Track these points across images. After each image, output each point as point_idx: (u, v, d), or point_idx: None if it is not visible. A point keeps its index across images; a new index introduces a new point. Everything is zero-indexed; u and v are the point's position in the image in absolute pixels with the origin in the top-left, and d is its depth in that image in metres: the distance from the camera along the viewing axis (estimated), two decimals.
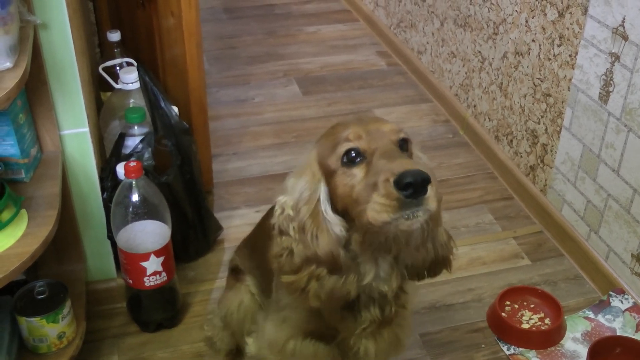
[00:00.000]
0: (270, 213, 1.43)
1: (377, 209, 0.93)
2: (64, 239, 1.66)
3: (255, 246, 1.43)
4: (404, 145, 1.04)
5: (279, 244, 1.08)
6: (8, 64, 1.25)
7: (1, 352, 1.38)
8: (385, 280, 1.10)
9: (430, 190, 0.93)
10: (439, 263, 1.13)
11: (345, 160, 1.00)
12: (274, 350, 1.25)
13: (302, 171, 1.07)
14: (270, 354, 1.27)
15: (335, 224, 1.03)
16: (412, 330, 1.28)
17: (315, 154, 1.07)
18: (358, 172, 0.99)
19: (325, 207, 1.04)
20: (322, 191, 1.04)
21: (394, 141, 1.02)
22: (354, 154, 1.00)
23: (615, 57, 1.70)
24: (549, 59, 1.99)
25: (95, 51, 2.43)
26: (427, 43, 2.86)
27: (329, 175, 1.03)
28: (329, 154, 1.03)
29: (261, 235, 1.35)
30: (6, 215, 1.30)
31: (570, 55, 1.88)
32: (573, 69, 1.88)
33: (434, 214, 0.98)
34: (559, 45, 1.93)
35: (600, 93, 1.78)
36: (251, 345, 1.39)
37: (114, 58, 2.13)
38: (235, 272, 1.54)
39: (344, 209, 1.02)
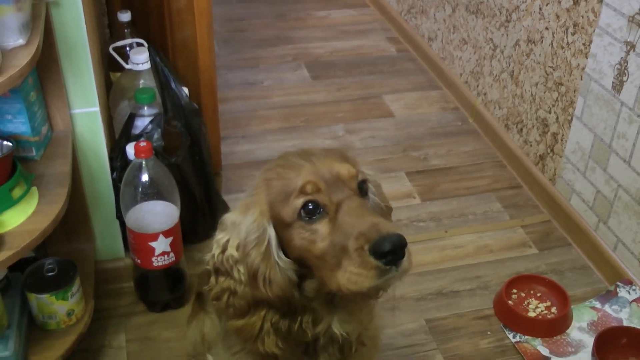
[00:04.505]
0: None
1: (353, 280, 0.87)
2: (73, 218, 1.67)
3: None
4: (363, 187, 0.97)
5: (218, 285, 1.00)
6: (21, 41, 1.25)
7: (12, 327, 1.39)
8: (346, 320, 1.04)
9: (407, 253, 0.87)
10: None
11: (303, 214, 0.92)
12: None
13: (248, 208, 0.97)
14: None
15: (288, 269, 0.96)
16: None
17: (264, 192, 0.97)
18: (320, 227, 0.92)
19: (277, 252, 0.96)
20: (272, 235, 0.96)
21: (354, 189, 0.95)
22: (312, 207, 0.92)
23: (631, 46, 1.68)
24: (562, 48, 1.97)
25: (105, 31, 2.42)
26: (438, 29, 2.84)
27: (281, 224, 0.95)
28: (281, 202, 0.94)
29: None
30: (17, 192, 1.30)
31: (584, 44, 1.87)
32: (586, 57, 1.86)
33: None
34: (572, 34, 1.92)
35: (613, 82, 1.76)
36: None
37: (123, 38, 2.12)
38: (199, 299, 1.47)
39: (300, 259, 0.96)
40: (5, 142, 1.34)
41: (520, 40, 2.21)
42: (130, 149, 1.68)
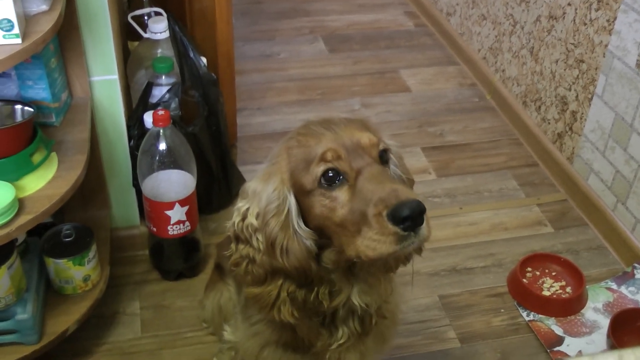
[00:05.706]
0: None
1: (372, 246, 0.87)
2: (91, 185, 1.67)
3: None
4: (384, 156, 0.96)
5: (237, 252, 1.00)
6: (44, 7, 1.24)
7: (30, 291, 1.41)
8: (366, 292, 1.03)
9: (426, 220, 0.86)
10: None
11: (323, 181, 0.92)
12: (249, 357, 1.18)
13: (269, 177, 0.97)
14: (246, 358, 1.21)
15: (307, 238, 0.96)
16: (395, 336, 1.23)
17: (285, 160, 0.97)
18: (340, 194, 0.91)
19: (297, 220, 0.96)
20: (292, 203, 0.96)
21: (375, 157, 0.94)
22: (332, 174, 0.91)
23: None
24: (585, 24, 1.95)
25: (123, 0, 2.41)
26: (457, 4, 2.81)
27: (301, 192, 0.95)
28: (302, 170, 0.94)
29: None
30: (38, 157, 1.31)
31: (608, 20, 1.84)
32: (610, 34, 1.84)
33: None
34: (596, 10, 1.89)
35: (637, 60, 1.74)
36: (228, 333, 1.32)
37: (142, 7, 2.11)
38: (219, 269, 1.49)
39: (320, 228, 0.95)
40: (26, 108, 1.34)
41: (541, 16, 2.17)
42: (148, 117, 1.68)
